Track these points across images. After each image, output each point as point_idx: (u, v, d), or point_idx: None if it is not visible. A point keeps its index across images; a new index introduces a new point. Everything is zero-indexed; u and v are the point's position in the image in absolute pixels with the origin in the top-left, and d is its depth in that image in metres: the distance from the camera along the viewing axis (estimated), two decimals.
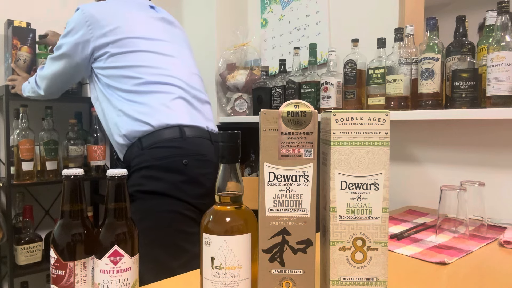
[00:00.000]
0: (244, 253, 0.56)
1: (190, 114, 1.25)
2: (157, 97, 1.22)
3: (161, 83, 1.24)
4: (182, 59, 1.34)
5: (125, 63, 1.24)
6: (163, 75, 1.25)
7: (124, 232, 0.63)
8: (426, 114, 1.24)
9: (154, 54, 1.27)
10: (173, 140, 1.17)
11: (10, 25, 1.80)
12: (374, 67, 1.39)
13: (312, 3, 1.85)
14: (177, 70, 1.28)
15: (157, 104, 1.20)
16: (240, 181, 0.59)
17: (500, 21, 1.09)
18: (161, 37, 1.31)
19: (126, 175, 0.64)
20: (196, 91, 1.32)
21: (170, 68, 1.27)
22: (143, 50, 1.26)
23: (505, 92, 1.07)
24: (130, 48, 1.24)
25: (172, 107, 1.22)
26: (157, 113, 1.19)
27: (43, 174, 1.88)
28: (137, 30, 1.27)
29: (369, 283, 0.55)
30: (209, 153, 1.23)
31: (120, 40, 1.24)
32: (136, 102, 1.22)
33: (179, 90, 1.25)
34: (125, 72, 1.24)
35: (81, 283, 0.62)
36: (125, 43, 1.24)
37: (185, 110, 1.24)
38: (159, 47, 1.29)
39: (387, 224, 0.55)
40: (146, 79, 1.23)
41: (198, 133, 1.23)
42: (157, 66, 1.26)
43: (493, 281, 0.75)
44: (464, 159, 1.33)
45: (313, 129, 0.54)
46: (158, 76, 1.25)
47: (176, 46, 1.35)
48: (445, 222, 0.96)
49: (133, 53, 1.24)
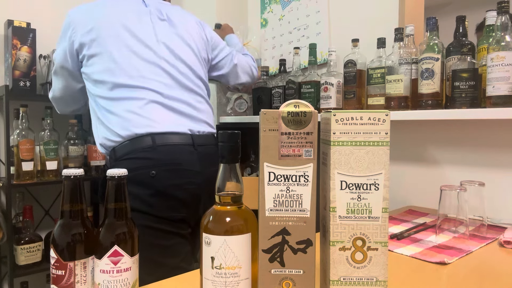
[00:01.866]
0: (244, 253, 0.56)
1: (166, 119, 1.16)
2: (126, 104, 1.14)
3: (131, 87, 1.15)
4: (166, 57, 1.21)
5: (98, 66, 1.17)
6: (134, 77, 1.15)
7: (124, 232, 0.63)
8: (426, 114, 1.24)
9: (127, 54, 1.16)
10: (144, 150, 1.10)
11: (10, 25, 1.80)
12: (374, 67, 1.39)
13: (312, 3, 1.85)
14: (151, 70, 1.17)
15: (126, 112, 1.13)
16: (240, 181, 0.59)
17: (500, 21, 1.09)
18: (142, 34, 1.19)
19: (126, 175, 0.64)
20: (181, 90, 1.21)
21: (142, 68, 1.17)
22: (114, 50, 1.16)
23: (505, 92, 1.07)
24: (102, 49, 1.16)
25: (143, 113, 1.13)
26: (125, 122, 1.13)
27: (43, 174, 1.88)
28: (113, 29, 1.17)
29: (369, 283, 0.55)
30: (187, 161, 1.14)
31: (94, 40, 1.17)
32: (108, 111, 1.16)
33: (152, 94, 1.15)
34: (98, 76, 1.17)
35: (81, 283, 0.62)
36: (99, 43, 1.16)
37: (159, 115, 1.15)
38: (135, 46, 1.18)
39: (387, 224, 0.55)
40: (116, 82, 1.15)
41: (175, 139, 1.14)
42: (126, 68, 1.16)
43: (493, 281, 0.75)
44: (464, 159, 1.33)
45: (313, 129, 0.54)
46: (128, 79, 1.15)
47: (161, 42, 1.22)
48: (445, 222, 0.96)
49: (104, 54, 1.16)
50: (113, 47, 1.16)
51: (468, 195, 0.96)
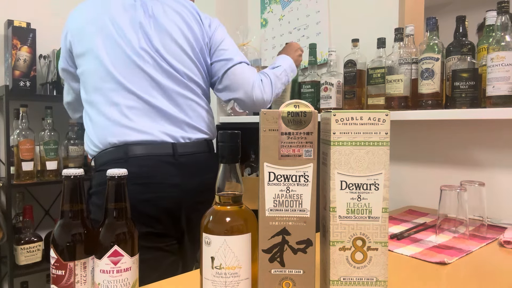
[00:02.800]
0: (244, 253, 0.56)
1: (144, 126, 1.05)
2: (102, 109, 1.06)
3: (108, 90, 1.06)
4: (148, 57, 1.08)
5: (82, 67, 1.11)
6: (111, 79, 1.05)
7: (124, 232, 0.63)
8: (426, 114, 1.24)
9: (106, 53, 1.06)
10: (115, 162, 1.02)
11: (10, 25, 1.80)
12: (374, 67, 1.39)
13: (312, 3, 1.85)
14: (131, 71, 1.06)
15: (101, 118, 1.06)
16: (240, 181, 0.59)
17: (500, 21, 1.09)
18: (125, 31, 1.08)
19: (126, 175, 0.64)
20: (166, 94, 1.09)
21: (121, 69, 1.06)
22: (95, 49, 1.07)
23: (505, 92, 1.07)
24: (85, 48, 1.09)
25: (119, 120, 1.04)
26: (101, 130, 1.06)
27: (43, 174, 1.88)
28: (96, 26, 1.09)
29: (369, 283, 0.55)
30: (164, 174, 1.04)
31: (80, 40, 1.11)
32: (89, 117, 1.10)
33: (131, 98, 1.05)
34: (82, 78, 1.12)
35: (81, 283, 0.62)
36: (83, 42, 1.10)
37: (137, 122, 1.05)
38: (115, 44, 1.07)
39: (387, 224, 0.55)
40: (93, 85, 1.08)
41: (150, 149, 1.04)
42: (104, 69, 1.06)
43: (493, 281, 0.75)
44: (464, 159, 1.33)
45: (313, 129, 0.54)
46: (103, 81, 1.06)
47: (145, 40, 1.09)
48: (445, 222, 0.96)
49: (86, 54, 1.09)
50: (94, 45, 1.08)
51: (468, 195, 0.96)
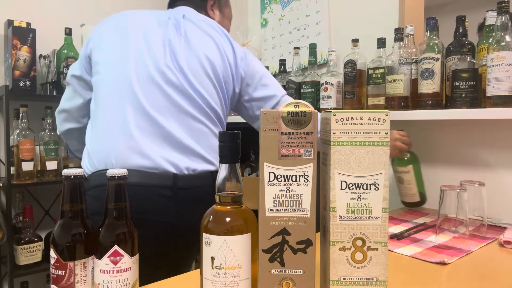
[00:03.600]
0: (244, 253, 0.56)
1: (146, 148, 0.93)
2: (106, 124, 0.97)
3: (116, 103, 0.97)
4: (169, 72, 0.99)
5: (97, 75, 1.04)
6: (123, 93, 0.97)
7: (124, 232, 0.63)
8: (426, 114, 1.24)
9: (128, 65, 0.99)
10: (98, 187, 0.89)
11: (10, 25, 1.80)
12: (374, 67, 1.39)
13: (312, 3, 1.85)
14: (141, 86, 0.97)
15: (105, 134, 0.97)
16: (240, 181, 0.59)
17: (500, 21, 1.09)
18: (152, 46, 1.01)
19: (126, 175, 0.64)
20: (178, 116, 0.98)
21: (139, 80, 0.97)
22: (115, 60, 1.01)
23: (505, 92, 1.07)
24: (105, 57, 1.03)
25: (123, 138, 0.94)
26: (102, 146, 0.97)
27: (43, 174, 1.88)
28: (123, 37, 1.03)
29: (369, 283, 0.55)
30: (157, 209, 0.91)
31: (102, 47, 1.05)
32: (92, 127, 1.03)
33: (141, 116, 0.95)
34: (95, 87, 1.05)
35: (81, 283, 0.62)
36: (106, 51, 1.04)
37: (138, 142, 0.93)
38: (138, 57, 0.99)
39: (387, 224, 0.55)
40: (102, 96, 1.01)
41: (147, 179, 0.91)
42: (115, 80, 0.99)
43: (493, 281, 0.75)
44: (464, 159, 1.33)
45: (313, 129, 0.54)
46: (115, 93, 0.98)
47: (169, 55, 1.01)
48: (445, 222, 0.96)
49: (106, 64, 1.02)
50: (120, 56, 1.01)
51: (468, 195, 0.96)
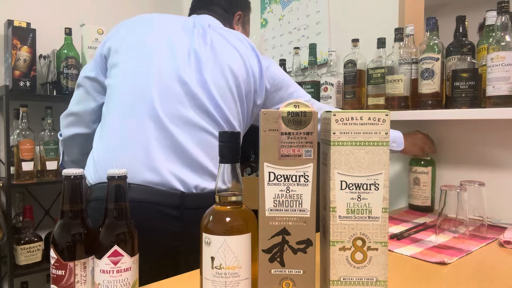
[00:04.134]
0: (244, 253, 0.56)
1: (156, 161, 0.88)
2: (116, 130, 0.94)
3: (130, 109, 0.93)
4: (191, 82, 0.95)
5: (112, 78, 1.00)
6: (139, 99, 0.93)
7: (124, 232, 0.63)
8: (426, 114, 1.24)
9: (151, 69, 0.95)
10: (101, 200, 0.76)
11: (10, 25, 1.80)
12: (374, 67, 1.39)
13: (312, 3, 1.85)
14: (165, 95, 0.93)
15: (114, 142, 0.93)
16: (240, 181, 0.59)
17: (500, 21, 1.09)
18: (175, 54, 0.97)
19: (126, 175, 0.64)
20: (192, 130, 0.92)
21: (158, 87, 0.93)
22: (134, 64, 0.97)
23: (505, 92, 1.07)
24: (123, 59, 0.99)
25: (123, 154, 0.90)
26: (109, 155, 0.93)
27: (43, 174, 1.88)
28: (145, 41, 0.99)
29: (369, 283, 0.55)
30: (162, 229, 0.86)
31: (122, 48, 1.00)
32: (101, 133, 0.98)
33: (155, 125, 0.90)
34: (109, 90, 1.01)
35: (81, 283, 0.62)
36: (124, 53, 1.00)
37: (148, 154, 0.89)
38: (159, 62, 0.96)
39: (387, 224, 0.55)
40: (116, 100, 0.97)
41: (153, 196, 0.86)
42: (132, 85, 0.94)
43: (493, 281, 0.75)
44: (464, 159, 1.33)
45: (313, 129, 0.54)
46: (129, 98, 0.94)
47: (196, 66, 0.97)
48: (445, 222, 0.96)
49: (124, 66, 0.98)
50: (139, 60, 0.97)
51: (468, 195, 0.96)
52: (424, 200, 1.29)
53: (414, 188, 1.30)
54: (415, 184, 1.30)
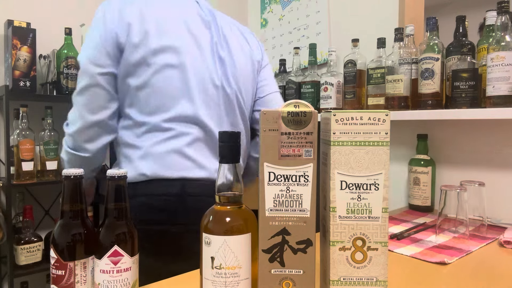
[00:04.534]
0: (244, 253, 0.56)
1: (203, 159, 0.95)
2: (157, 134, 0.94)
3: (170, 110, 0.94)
4: (225, 83, 0.99)
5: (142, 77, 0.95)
6: (181, 96, 0.95)
7: (124, 232, 0.63)
8: (426, 114, 1.24)
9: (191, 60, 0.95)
10: (168, 198, 0.92)
11: (10, 25, 1.80)
12: (374, 67, 1.39)
13: (312, 3, 1.85)
14: (203, 99, 0.96)
15: (156, 146, 0.94)
16: (240, 181, 0.59)
17: (500, 21, 1.09)
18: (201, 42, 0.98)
19: (126, 175, 0.64)
20: (230, 126, 1.00)
21: (198, 82, 0.95)
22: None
23: (505, 92, 1.07)
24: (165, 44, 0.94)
25: (178, 149, 0.94)
26: (154, 159, 0.93)
27: (43, 174, 1.88)
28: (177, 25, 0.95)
29: (369, 283, 0.55)
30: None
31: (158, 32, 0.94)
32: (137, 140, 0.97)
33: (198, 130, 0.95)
34: (143, 92, 0.96)
35: (81, 283, 0.62)
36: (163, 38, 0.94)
37: (194, 154, 0.94)
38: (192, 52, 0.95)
39: (387, 224, 0.55)
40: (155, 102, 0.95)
41: (207, 189, 0.92)
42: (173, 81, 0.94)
43: (493, 281, 0.75)
44: (464, 159, 1.33)
45: (313, 129, 0.54)
46: (169, 98, 0.94)
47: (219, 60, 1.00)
48: (445, 222, 0.96)
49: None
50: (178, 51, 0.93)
51: (468, 195, 0.96)
52: (424, 200, 1.29)
53: (414, 188, 1.30)
54: (415, 184, 1.30)
